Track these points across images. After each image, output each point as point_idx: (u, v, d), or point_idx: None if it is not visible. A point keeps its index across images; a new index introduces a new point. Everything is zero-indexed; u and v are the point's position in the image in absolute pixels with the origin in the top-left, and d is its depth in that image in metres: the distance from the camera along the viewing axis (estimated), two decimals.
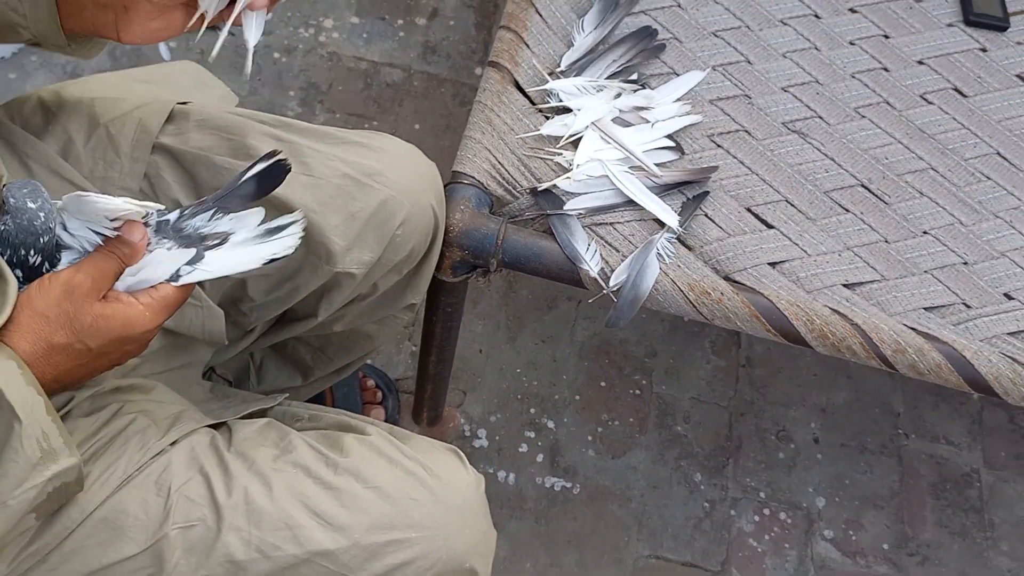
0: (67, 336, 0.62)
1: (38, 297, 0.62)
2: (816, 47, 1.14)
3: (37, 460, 0.60)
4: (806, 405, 1.52)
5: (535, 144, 1.00)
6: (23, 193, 0.63)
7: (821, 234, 1.00)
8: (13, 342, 0.61)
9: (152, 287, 0.66)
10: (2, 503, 0.60)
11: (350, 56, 1.76)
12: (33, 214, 0.63)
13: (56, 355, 0.62)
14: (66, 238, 0.65)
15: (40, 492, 0.61)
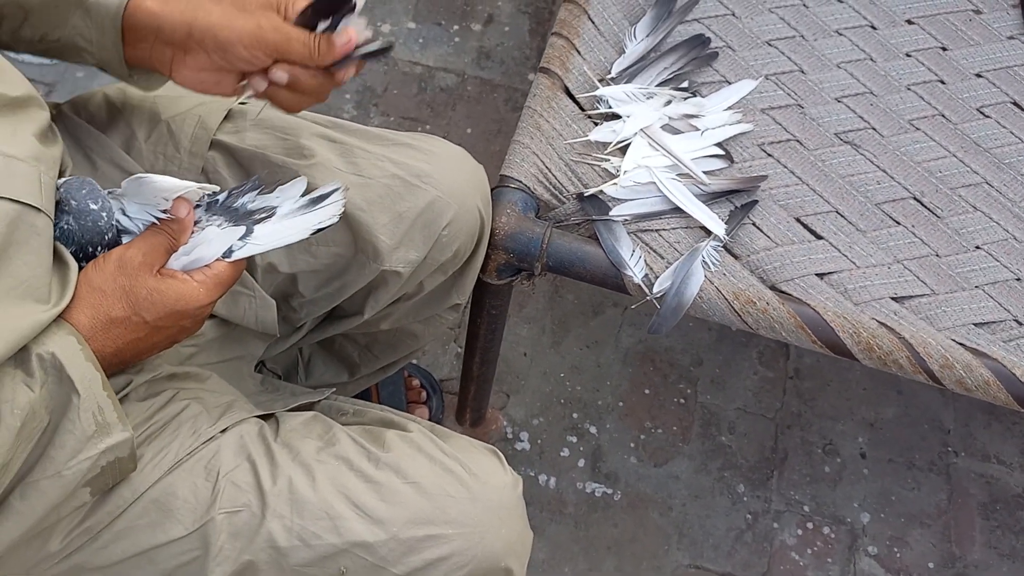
0: (124, 309, 0.65)
1: (94, 273, 0.65)
2: (871, 58, 1.13)
3: (92, 433, 0.63)
4: (854, 419, 1.50)
5: (583, 150, 1.01)
6: (83, 195, 0.66)
7: (871, 246, 0.99)
8: (73, 318, 0.64)
9: (205, 265, 0.68)
10: (57, 472, 0.63)
11: (406, 60, 1.78)
12: (96, 215, 0.66)
13: (115, 328, 0.65)
14: (125, 222, 0.68)
15: (93, 464, 0.64)
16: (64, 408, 0.62)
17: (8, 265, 0.60)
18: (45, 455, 0.62)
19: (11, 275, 0.60)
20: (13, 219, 0.61)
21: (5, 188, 0.61)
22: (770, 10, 1.16)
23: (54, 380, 0.61)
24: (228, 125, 0.86)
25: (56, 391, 0.61)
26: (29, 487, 0.63)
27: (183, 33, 0.68)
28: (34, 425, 0.60)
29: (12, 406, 0.59)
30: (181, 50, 0.70)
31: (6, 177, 0.61)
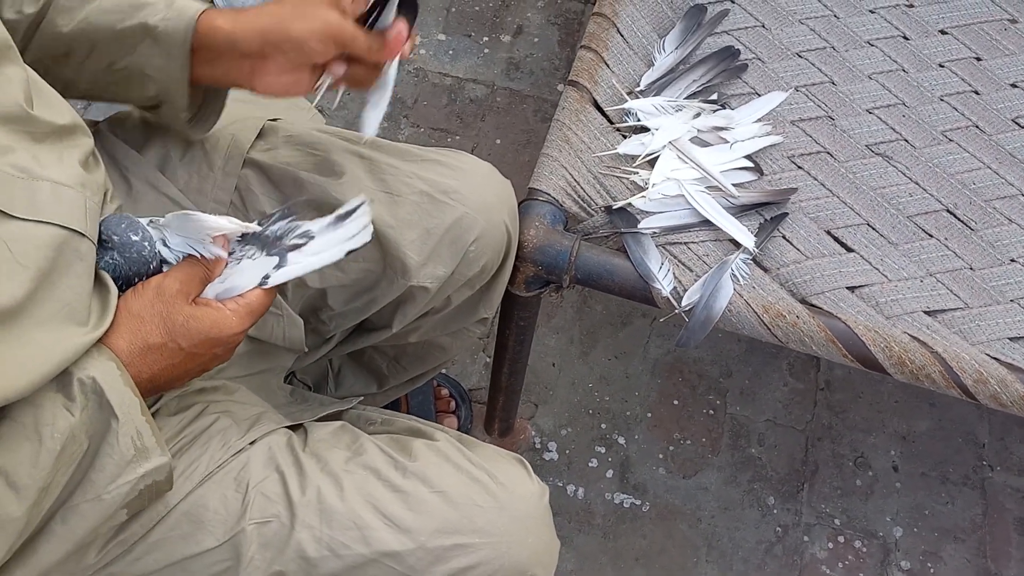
0: (161, 335, 0.66)
1: (133, 300, 0.67)
2: (904, 69, 1.12)
3: (131, 457, 0.64)
4: (886, 432, 1.48)
5: (611, 163, 1.01)
6: (123, 228, 0.68)
7: (903, 259, 0.98)
8: (113, 343, 0.65)
9: (239, 294, 0.69)
10: (97, 496, 0.64)
11: (435, 72, 1.80)
12: (139, 245, 0.68)
13: (151, 354, 0.66)
14: (165, 252, 0.70)
15: (132, 488, 0.65)
16: (104, 433, 0.63)
17: (53, 289, 0.61)
18: (86, 479, 0.64)
19: (56, 298, 0.61)
20: (60, 244, 0.62)
21: (52, 214, 0.62)
22: (800, 21, 1.15)
23: (94, 405, 0.62)
24: (261, 143, 0.87)
25: (96, 416, 0.62)
26: (70, 511, 0.64)
27: (258, 43, 0.72)
28: (74, 449, 0.61)
29: (53, 430, 0.60)
30: (259, 59, 0.73)
31: (53, 203, 0.63)
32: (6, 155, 0.61)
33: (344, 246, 0.72)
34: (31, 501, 0.59)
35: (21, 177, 0.61)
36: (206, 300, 0.69)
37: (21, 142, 0.63)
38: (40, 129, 0.65)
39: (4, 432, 0.59)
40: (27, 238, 0.60)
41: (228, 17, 0.72)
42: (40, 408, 0.60)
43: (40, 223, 0.61)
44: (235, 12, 0.72)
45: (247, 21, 0.72)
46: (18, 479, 0.59)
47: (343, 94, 0.79)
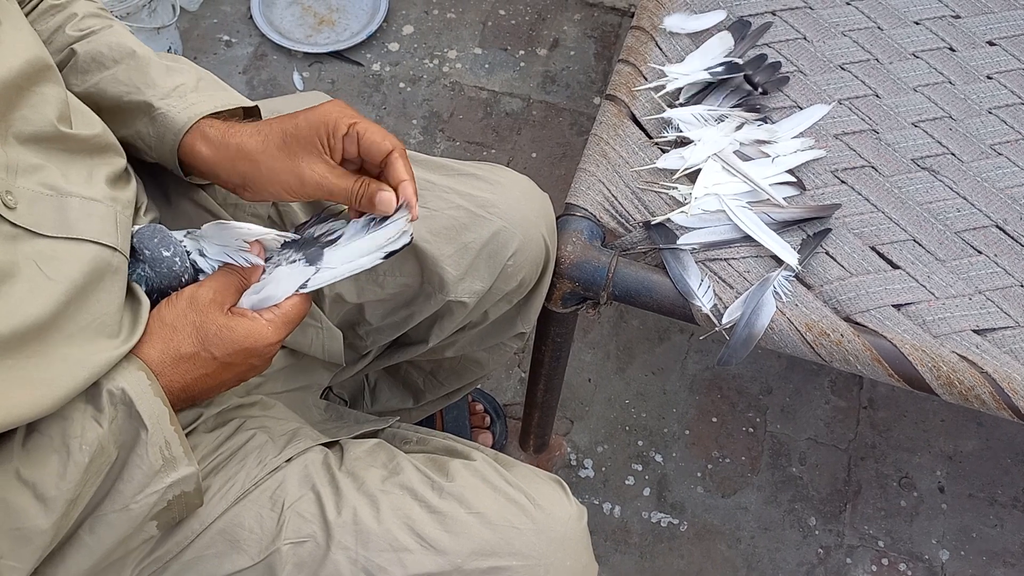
0: (193, 345, 0.66)
1: (167, 310, 0.67)
2: (950, 81, 1.10)
3: (159, 467, 0.64)
4: (932, 452, 1.45)
5: (650, 177, 1.00)
6: (155, 243, 0.68)
7: (951, 276, 0.95)
8: (144, 352, 0.65)
9: (275, 304, 0.69)
10: (125, 506, 0.64)
11: (472, 86, 1.80)
12: (170, 260, 0.68)
13: (184, 364, 0.66)
14: (201, 262, 0.69)
15: (160, 498, 0.65)
16: (132, 443, 0.63)
17: (84, 303, 0.62)
18: (114, 489, 0.64)
19: (87, 312, 0.62)
20: (92, 259, 0.62)
21: (84, 230, 0.63)
22: (843, 33, 1.13)
23: (123, 415, 0.62)
24: None
25: (125, 426, 0.62)
26: (98, 521, 0.64)
27: (238, 180, 0.72)
28: (102, 460, 0.62)
29: (81, 441, 0.60)
30: (240, 187, 0.73)
31: (84, 218, 0.63)
32: (36, 174, 0.62)
33: (382, 250, 0.71)
34: (59, 514, 0.59)
35: (50, 195, 0.62)
36: (241, 310, 0.69)
37: (52, 159, 0.64)
38: (72, 146, 0.65)
39: (32, 445, 0.59)
40: (57, 255, 0.61)
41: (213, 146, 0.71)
42: (68, 420, 0.60)
43: (72, 240, 0.61)
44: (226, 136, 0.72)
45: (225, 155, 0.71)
46: (46, 491, 0.59)
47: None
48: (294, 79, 1.79)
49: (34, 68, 0.63)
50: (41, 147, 0.63)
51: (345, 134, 0.71)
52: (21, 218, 0.59)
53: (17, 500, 0.58)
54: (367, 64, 1.82)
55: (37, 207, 0.60)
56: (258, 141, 0.71)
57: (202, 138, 0.72)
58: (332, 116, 0.71)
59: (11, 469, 0.58)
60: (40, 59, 0.64)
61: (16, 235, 0.59)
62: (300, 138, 0.70)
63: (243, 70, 1.80)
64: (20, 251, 0.58)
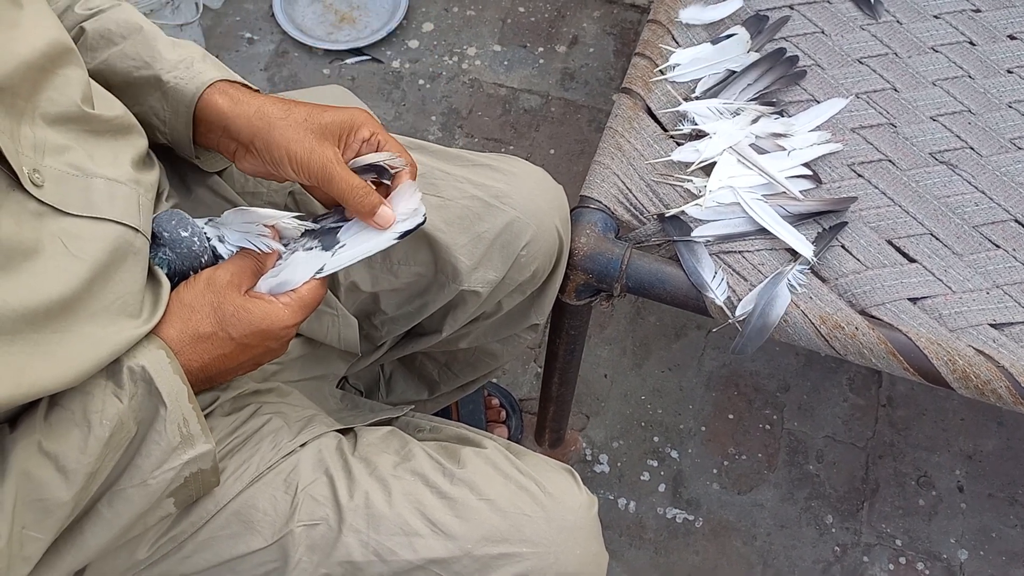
0: (212, 325, 0.67)
1: (185, 291, 0.68)
2: (969, 75, 1.09)
3: (177, 444, 0.65)
4: (951, 451, 1.43)
5: (664, 170, 1.00)
6: (173, 225, 0.69)
7: (968, 270, 0.95)
8: (163, 332, 0.66)
9: (291, 288, 0.70)
10: (143, 481, 0.65)
11: (490, 83, 1.80)
12: (189, 241, 0.70)
13: (202, 344, 0.67)
14: (221, 248, 0.71)
15: (177, 475, 0.66)
16: (151, 419, 0.64)
17: (107, 282, 0.63)
18: (132, 464, 0.65)
19: (110, 291, 0.63)
20: (114, 239, 0.64)
21: (108, 210, 0.64)
22: (861, 27, 1.13)
23: (143, 392, 0.63)
24: None
25: (145, 403, 0.64)
26: (116, 495, 0.65)
27: (247, 136, 0.72)
28: (122, 435, 0.63)
29: (102, 416, 0.61)
30: (244, 147, 0.74)
31: (108, 199, 0.64)
32: (63, 154, 0.63)
33: (397, 228, 0.72)
34: (79, 486, 0.60)
35: (76, 175, 0.63)
36: (258, 293, 0.70)
37: (78, 140, 0.65)
38: (97, 127, 0.66)
39: (54, 419, 0.61)
40: (82, 233, 0.62)
41: (231, 99, 0.72)
42: (90, 395, 0.61)
43: (95, 219, 0.63)
44: (243, 96, 0.73)
45: (244, 111, 0.72)
46: (67, 464, 0.60)
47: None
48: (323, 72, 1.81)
49: (56, 50, 0.64)
50: (67, 128, 0.64)
51: (366, 140, 0.73)
52: (47, 196, 0.60)
53: (39, 472, 0.59)
54: (387, 61, 1.83)
55: (63, 186, 0.62)
56: (281, 110, 0.72)
57: (220, 92, 0.72)
58: (359, 119, 0.73)
59: (34, 441, 0.59)
60: (62, 42, 0.65)
61: (42, 212, 0.60)
62: (322, 125, 0.72)
63: (264, 67, 1.82)
64: (45, 228, 0.60)
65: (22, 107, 0.61)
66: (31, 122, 0.61)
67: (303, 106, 0.73)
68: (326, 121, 0.72)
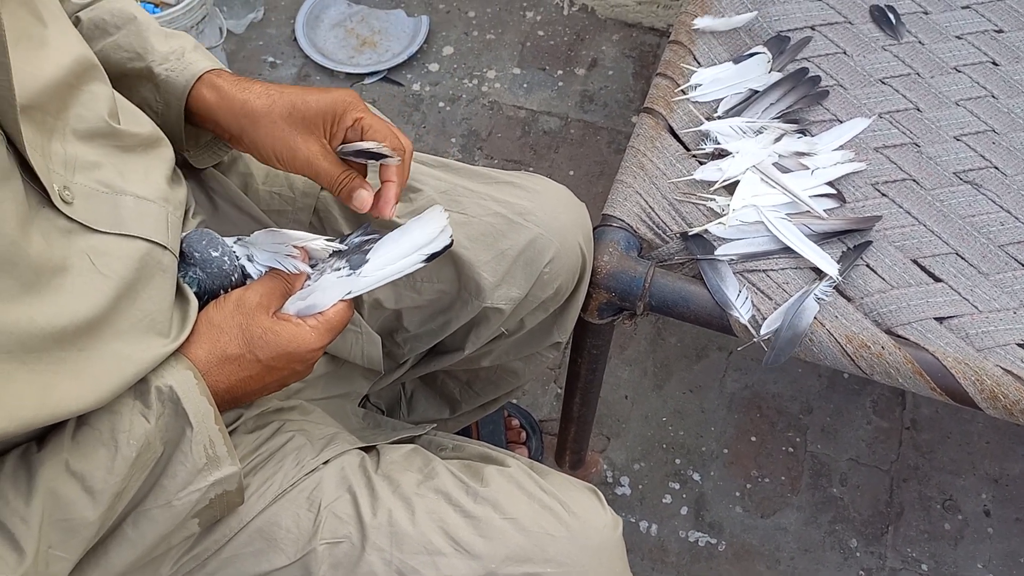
0: (239, 346, 0.67)
1: (214, 312, 0.68)
2: (993, 95, 1.09)
3: (203, 465, 0.65)
4: (977, 474, 1.41)
5: (687, 189, 1.00)
6: (203, 245, 0.70)
7: (994, 290, 0.94)
8: (191, 352, 0.66)
9: (319, 312, 0.70)
10: (168, 502, 0.65)
11: (510, 105, 1.81)
12: (219, 261, 0.70)
13: (229, 365, 0.67)
14: (250, 268, 0.71)
15: (203, 496, 0.66)
16: (178, 440, 0.64)
17: (135, 299, 0.63)
18: (158, 484, 0.65)
19: (138, 309, 0.63)
20: (143, 256, 0.64)
21: (137, 228, 0.64)
22: (883, 48, 1.13)
23: (170, 412, 0.63)
24: None
25: (171, 423, 0.64)
26: (141, 516, 0.65)
27: (236, 132, 0.74)
28: (148, 456, 0.63)
29: (129, 436, 0.61)
30: (235, 139, 0.76)
31: (137, 217, 0.65)
32: (93, 171, 0.63)
33: (423, 251, 0.72)
34: (105, 506, 0.60)
35: (106, 192, 0.63)
36: (286, 316, 0.70)
37: (109, 156, 0.65)
38: (127, 142, 0.67)
39: (81, 438, 0.61)
40: (110, 250, 0.62)
41: (218, 94, 0.73)
42: (117, 415, 0.61)
43: (124, 236, 0.63)
44: (230, 88, 0.74)
45: (230, 106, 0.73)
46: (94, 484, 0.60)
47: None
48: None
49: (82, 67, 0.65)
50: (97, 144, 0.65)
51: (350, 126, 0.73)
52: (77, 213, 0.61)
53: (66, 491, 0.59)
54: (407, 84, 1.85)
55: (92, 203, 0.62)
56: (265, 103, 0.73)
57: (209, 85, 0.73)
58: (342, 105, 0.73)
59: (61, 461, 0.59)
60: (87, 58, 0.66)
61: (71, 229, 0.60)
62: (306, 115, 0.72)
63: None
64: (74, 245, 0.60)
65: (52, 124, 0.61)
66: (62, 139, 0.62)
67: (287, 96, 0.73)
68: (311, 112, 0.72)
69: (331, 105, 0.73)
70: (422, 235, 0.72)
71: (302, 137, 0.72)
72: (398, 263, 0.72)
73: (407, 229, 0.74)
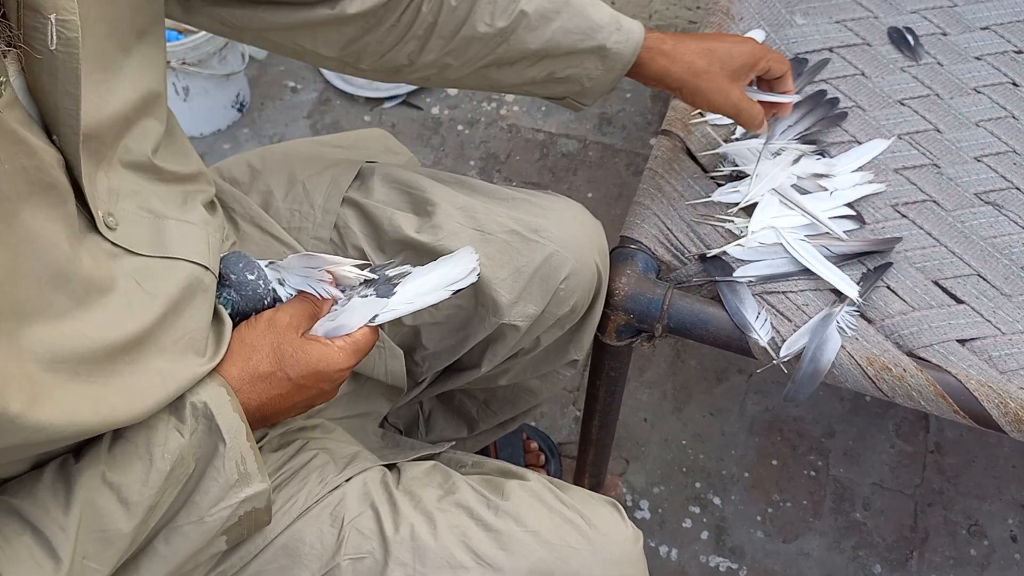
0: (271, 364, 0.68)
1: (247, 331, 0.70)
2: (1014, 116, 1.08)
3: (235, 481, 0.66)
4: (1003, 499, 1.39)
5: (705, 210, 1.00)
6: (240, 268, 0.72)
7: (1018, 311, 0.93)
8: (225, 370, 0.67)
9: (347, 333, 0.71)
10: (200, 519, 0.65)
11: (528, 128, 1.82)
12: (255, 284, 0.72)
13: (261, 383, 0.68)
14: (281, 291, 0.73)
15: (233, 513, 0.66)
16: (210, 456, 0.65)
17: (179, 318, 0.64)
18: (190, 500, 0.65)
19: (179, 328, 0.64)
20: (187, 277, 0.65)
21: (180, 249, 0.66)
22: (902, 69, 1.13)
23: (204, 428, 0.64)
24: (358, 183, 0.90)
25: (205, 439, 0.64)
26: (173, 532, 0.65)
27: (677, 85, 0.88)
28: (182, 471, 0.63)
29: (164, 450, 0.62)
30: (680, 90, 0.89)
31: (180, 239, 0.66)
32: (133, 198, 0.65)
33: (451, 287, 0.75)
34: (140, 519, 0.61)
35: (148, 217, 0.65)
36: (315, 337, 0.71)
37: (149, 186, 0.67)
38: (166, 178, 0.69)
39: (118, 450, 0.61)
40: (156, 272, 0.63)
41: (668, 59, 0.86)
42: (153, 429, 0.62)
43: (167, 258, 0.64)
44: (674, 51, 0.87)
45: (679, 67, 0.87)
46: (129, 496, 0.60)
47: None
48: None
49: (145, 102, 0.66)
50: (139, 175, 0.66)
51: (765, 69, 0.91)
52: (120, 239, 0.62)
53: (102, 502, 0.60)
54: (426, 108, 1.86)
55: (136, 228, 0.64)
56: (705, 63, 0.87)
57: (660, 53, 0.87)
58: (757, 54, 0.89)
59: (98, 472, 0.60)
60: (153, 92, 0.67)
61: (116, 253, 0.62)
62: (734, 70, 0.88)
63: (307, 115, 1.86)
64: (119, 267, 0.61)
65: (104, 153, 0.62)
66: (108, 167, 0.63)
67: (719, 53, 0.88)
68: (736, 65, 0.88)
69: (750, 57, 0.89)
70: (451, 274, 0.75)
71: (731, 84, 0.88)
72: (424, 296, 0.74)
73: (437, 266, 0.76)
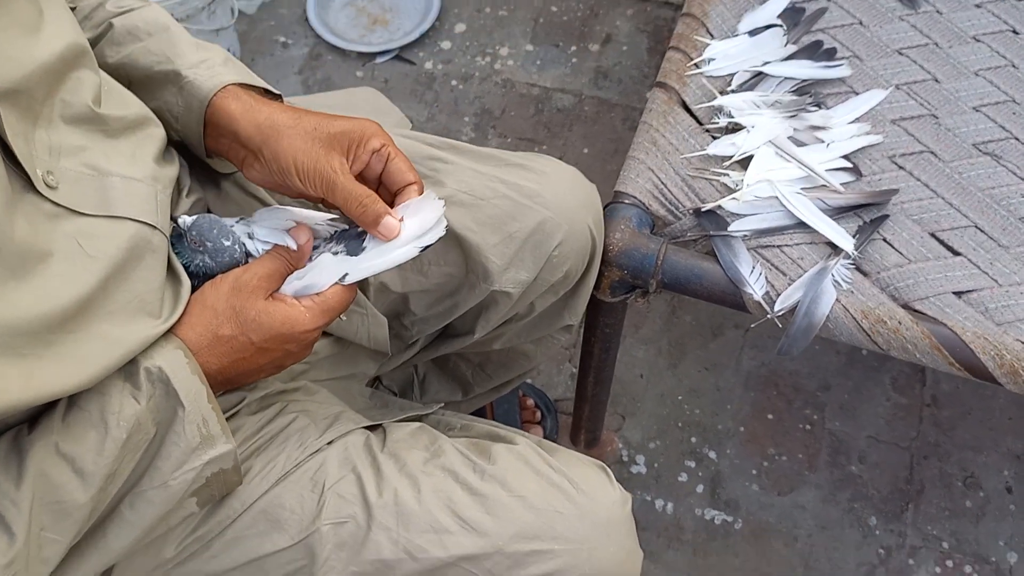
0: (232, 328, 0.67)
1: (210, 292, 0.68)
2: (1013, 64, 1.06)
3: (196, 445, 0.65)
4: (999, 451, 1.40)
5: (700, 164, 0.98)
6: (215, 235, 0.70)
7: (1015, 263, 0.92)
8: (182, 333, 0.66)
9: (315, 292, 0.69)
10: (164, 483, 0.65)
11: (523, 83, 1.80)
12: (231, 249, 0.70)
13: (221, 346, 0.67)
14: (250, 246, 0.71)
15: (198, 475, 0.66)
16: (170, 420, 0.64)
17: (125, 281, 0.63)
18: (152, 466, 0.65)
19: (128, 290, 0.63)
20: (132, 237, 0.64)
21: (125, 208, 0.64)
22: (900, 18, 1.11)
23: (161, 393, 0.63)
24: None
25: (163, 404, 0.64)
26: (137, 497, 0.65)
27: (257, 144, 0.72)
28: (140, 437, 0.63)
29: (119, 418, 0.61)
30: (252, 155, 0.73)
31: (125, 197, 0.64)
32: (79, 154, 0.63)
33: (419, 242, 0.72)
34: (96, 488, 0.60)
35: (92, 175, 0.63)
36: (282, 296, 0.69)
37: (95, 141, 0.65)
38: (112, 126, 0.67)
39: (72, 420, 0.61)
40: (98, 232, 0.62)
41: (243, 105, 0.72)
42: (107, 396, 0.61)
43: (112, 218, 0.63)
44: (255, 103, 0.73)
45: (254, 119, 0.72)
46: (84, 466, 0.60)
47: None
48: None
49: (73, 53, 0.64)
50: (83, 129, 0.65)
51: (376, 151, 0.72)
52: (62, 197, 0.60)
53: (56, 474, 0.59)
54: (420, 62, 1.83)
55: (79, 186, 0.62)
56: (291, 117, 0.72)
57: (234, 97, 0.72)
58: (369, 131, 0.72)
59: (51, 443, 0.59)
60: (78, 44, 0.65)
61: (57, 214, 0.60)
62: (331, 135, 0.71)
63: (299, 70, 1.83)
64: (60, 230, 0.60)
65: (37, 110, 0.61)
66: (47, 125, 0.62)
67: (314, 115, 0.72)
68: (335, 131, 0.71)
69: (359, 129, 0.72)
70: (418, 225, 0.72)
71: (325, 151, 0.71)
72: (393, 252, 0.71)
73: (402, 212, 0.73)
